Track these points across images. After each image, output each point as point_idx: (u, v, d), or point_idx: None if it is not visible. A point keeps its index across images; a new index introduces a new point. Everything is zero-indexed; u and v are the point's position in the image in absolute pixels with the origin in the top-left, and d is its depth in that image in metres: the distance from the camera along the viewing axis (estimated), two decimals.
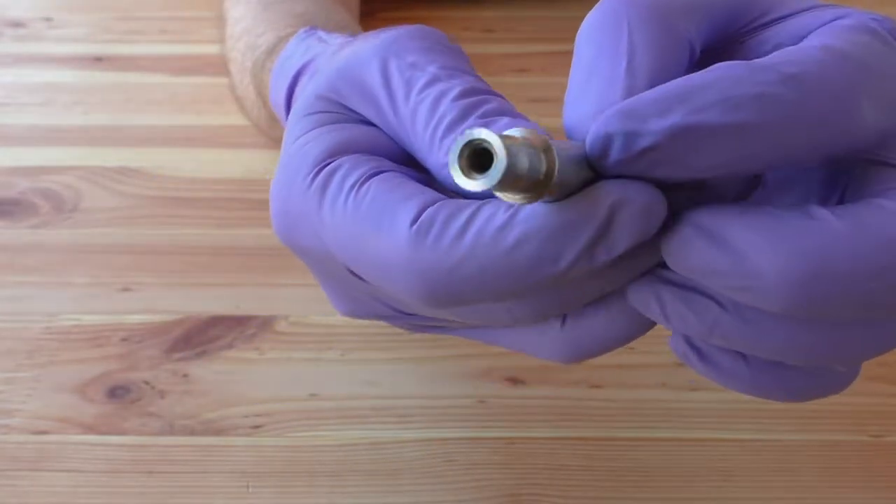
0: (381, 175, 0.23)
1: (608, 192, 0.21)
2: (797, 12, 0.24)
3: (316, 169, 0.23)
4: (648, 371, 0.33)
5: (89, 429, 0.32)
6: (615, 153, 0.20)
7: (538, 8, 0.54)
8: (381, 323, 0.35)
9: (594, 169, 0.21)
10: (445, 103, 0.23)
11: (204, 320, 0.36)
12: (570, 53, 0.24)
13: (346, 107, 0.25)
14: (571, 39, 0.25)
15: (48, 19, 0.55)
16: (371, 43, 0.25)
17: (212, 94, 0.48)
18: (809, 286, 0.20)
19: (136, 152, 0.45)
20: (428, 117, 0.23)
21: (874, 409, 0.32)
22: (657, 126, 0.20)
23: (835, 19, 0.23)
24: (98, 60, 0.52)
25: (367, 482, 0.30)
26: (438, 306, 0.22)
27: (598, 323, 0.24)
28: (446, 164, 0.23)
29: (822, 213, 0.20)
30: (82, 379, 0.33)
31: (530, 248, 0.21)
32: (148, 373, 0.34)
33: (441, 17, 0.54)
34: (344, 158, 0.23)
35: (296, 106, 0.26)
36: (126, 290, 0.37)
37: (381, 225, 0.22)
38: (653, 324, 0.24)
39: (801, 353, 0.22)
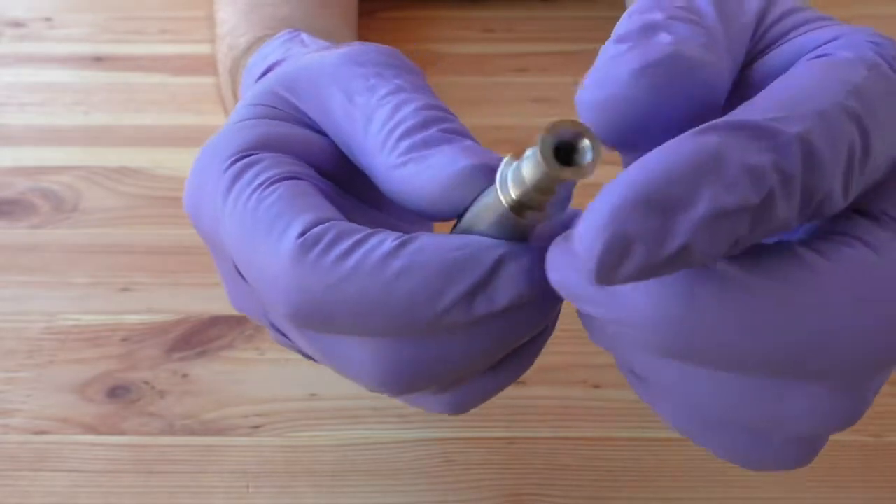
0: (293, 181, 0.22)
1: (496, 243, 0.20)
2: (791, 30, 0.22)
3: (235, 156, 0.23)
4: None
5: (89, 429, 0.32)
6: (636, 262, 0.16)
7: (538, 8, 0.54)
8: None
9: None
10: (407, 110, 0.23)
11: (204, 320, 0.36)
12: (570, 53, 0.24)
13: (296, 107, 0.25)
14: (571, 39, 0.25)
15: (48, 19, 0.55)
16: (341, 51, 0.25)
17: (212, 94, 0.48)
18: (682, 325, 0.18)
19: (136, 152, 0.45)
20: (386, 119, 0.23)
21: (874, 409, 0.31)
22: (688, 218, 0.16)
23: (831, 40, 0.20)
24: (98, 60, 0.52)
25: (367, 482, 0.30)
26: (306, 325, 0.21)
27: (482, 387, 0.24)
28: (396, 166, 0.22)
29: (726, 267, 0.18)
30: (82, 379, 0.33)
31: (411, 282, 0.20)
32: (148, 373, 0.34)
33: (441, 17, 0.54)
34: (266, 154, 0.23)
35: (247, 94, 0.26)
36: (126, 290, 0.37)
37: (273, 231, 0.21)
38: (530, 363, 0.24)
39: (716, 402, 0.20)
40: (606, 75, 0.19)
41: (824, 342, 0.18)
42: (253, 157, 0.23)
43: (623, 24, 0.20)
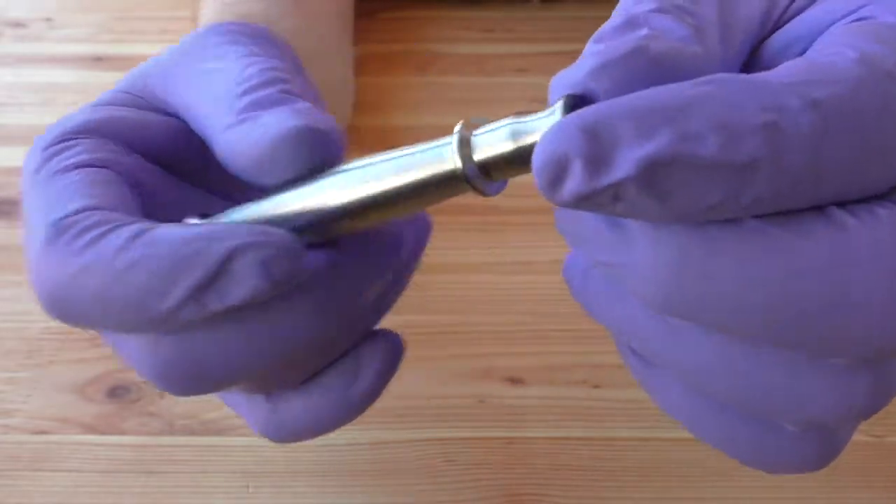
0: (94, 169, 0.22)
1: (232, 235, 0.19)
2: (806, 8, 0.20)
3: (54, 141, 0.23)
4: None
5: (89, 429, 0.32)
6: (573, 184, 0.16)
7: (538, 8, 0.54)
8: (381, 323, 0.35)
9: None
10: (253, 70, 0.22)
11: None
12: (570, 53, 0.24)
13: (152, 92, 0.25)
14: (571, 39, 0.25)
15: (48, 19, 0.55)
16: (202, 28, 0.25)
17: None
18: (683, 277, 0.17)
19: None
20: (232, 80, 0.22)
21: None
22: (634, 154, 0.16)
23: (859, 8, 0.19)
24: (98, 60, 0.52)
25: (367, 482, 0.30)
26: (62, 317, 0.21)
27: (299, 405, 0.23)
28: (230, 126, 0.21)
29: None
30: (82, 379, 0.33)
31: (139, 277, 0.19)
32: None
33: (441, 17, 0.54)
34: (84, 140, 0.23)
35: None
36: None
37: (41, 215, 0.21)
38: (366, 405, 0.23)
39: (719, 378, 0.18)
40: (567, 77, 0.18)
41: (844, 306, 0.16)
42: (69, 142, 0.23)
43: (606, 22, 0.19)
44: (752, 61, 0.20)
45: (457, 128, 0.19)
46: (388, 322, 0.35)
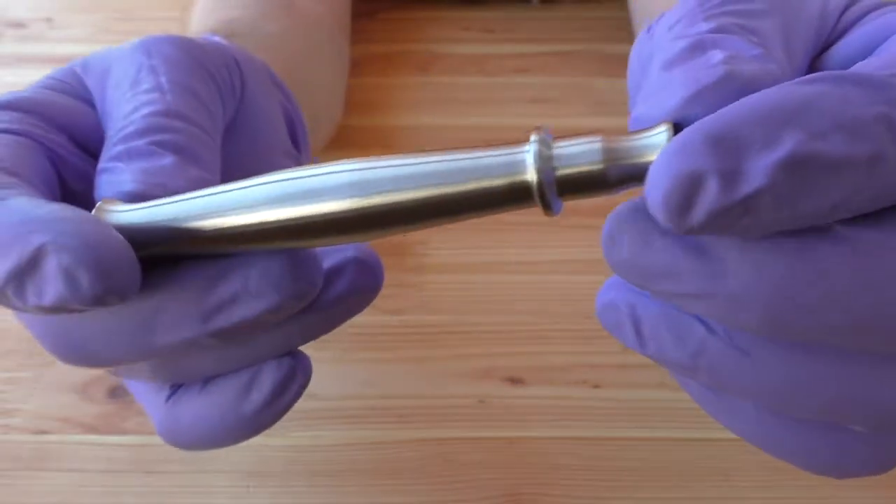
0: (10, 136, 0.22)
1: (44, 226, 0.18)
2: (863, 16, 0.20)
3: None
4: (648, 371, 0.33)
5: (89, 429, 0.32)
6: (708, 202, 0.15)
7: (538, 8, 0.54)
8: (381, 323, 0.35)
9: None
10: (140, 114, 0.23)
11: None
12: (570, 53, 0.24)
13: (84, 85, 0.25)
14: (571, 39, 0.25)
15: (49, 20, 0.55)
16: (142, 39, 0.25)
17: None
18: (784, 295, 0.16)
19: None
20: (123, 116, 0.23)
21: None
22: (766, 160, 0.15)
23: None
24: None
25: (367, 482, 0.30)
26: None
27: (193, 410, 0.23)
28: (99, 171, 0.22)
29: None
30: (83, 379, 0.33)
31: None
32: None
33: (441, 17, 0.54)
34: (12, 113, 0.23)
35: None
36: None
37: None
38: (262, 422, 0.23)
39: (804, 393, 0.18)
40: (657, 105, 0.18)
41: None
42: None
43: (668, 46, 0.19)
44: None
45: (533, 137, 0.18)
46: (388, 322, 0.35)
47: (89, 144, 0.24)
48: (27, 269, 0.18)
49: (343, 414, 0.32)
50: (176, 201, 0.20)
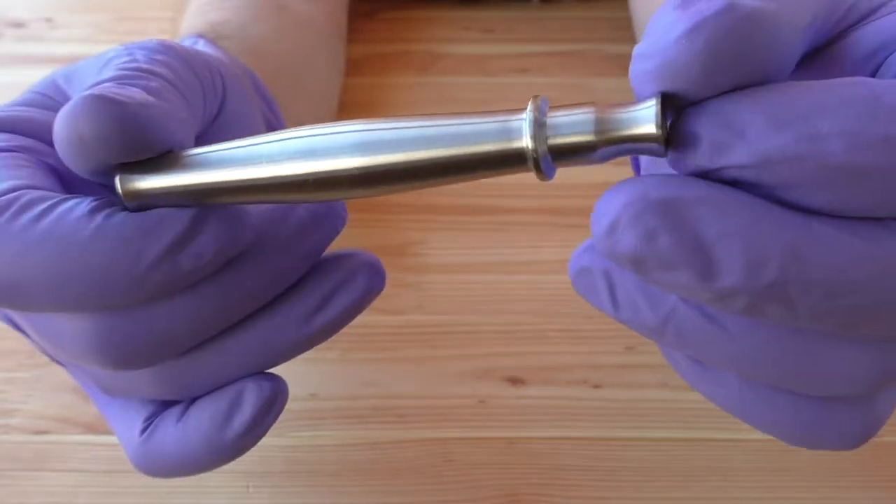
0: (11, 153, 0.22)
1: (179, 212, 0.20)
2: (882, 6, 0.21)
3: None
4: (648, 371, 0.33)
5: (89, 429, 0.32)
6: (697, 159, 0.18)
7: (538, 8, 0.54)
8: (381, 323, 0.35)
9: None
10: (109, 72, 0.22)
11: None
12: (570, 53, 0.24)
13: (66, 96, 0.25)
14: (571, 39, 0.25)
15: (49, 20, 0.55)
16: (125, 48, 0.25)
17: None
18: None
19: None
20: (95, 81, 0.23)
21: None
22: (757, 145, 0.17)
23: None
24: None
25: (367, 482, 0.30)
26: (2, 303, 0.20)
27: (171, 432, 0.23)
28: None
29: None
30: None
31: (107, 243, 0.19)
32: None
33: (441, 17, 0.54)
34: (3, 134, 0.23)
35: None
36: None
37: None
38: (242, 445, 0.23)
39: (767, 360, 0.19)
40: (657, 42, 0.18)
41: None
42: None
43: None
44: (832, 61, 0.21)
45: (530, 105, 0.19)
46: (388, 322, 0.35)
47: None
48: (188, 234, 0.20)
49: (343, 414, 0.32)
50: (201, 153, 0.21)
